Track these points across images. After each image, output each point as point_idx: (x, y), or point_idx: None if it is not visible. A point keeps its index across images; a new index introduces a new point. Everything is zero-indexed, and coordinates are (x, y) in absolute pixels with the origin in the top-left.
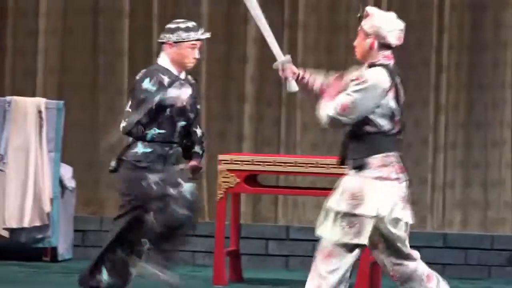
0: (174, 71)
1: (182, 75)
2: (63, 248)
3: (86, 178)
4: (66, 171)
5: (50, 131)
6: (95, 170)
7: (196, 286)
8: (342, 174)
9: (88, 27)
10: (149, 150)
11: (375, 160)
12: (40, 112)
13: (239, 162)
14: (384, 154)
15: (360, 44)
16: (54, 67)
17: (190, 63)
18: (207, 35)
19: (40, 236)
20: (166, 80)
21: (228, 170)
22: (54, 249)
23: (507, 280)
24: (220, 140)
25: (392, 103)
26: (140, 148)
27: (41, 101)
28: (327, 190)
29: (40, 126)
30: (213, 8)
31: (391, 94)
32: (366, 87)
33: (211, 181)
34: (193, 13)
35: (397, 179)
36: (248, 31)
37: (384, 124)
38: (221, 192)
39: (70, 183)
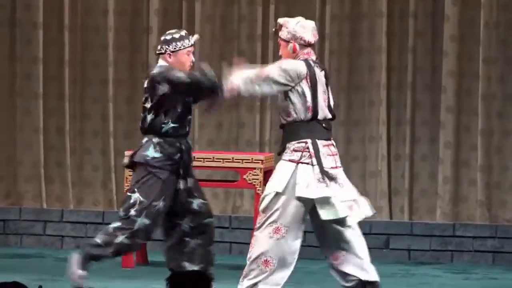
0: None
1: None
2: None
3: (6, 172)
4: None
5: None
6: (13, 165)
7: (107, 269)
8: (237, 168)
9: (6, 38)
10: None
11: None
12: None
13: None
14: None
15: (284, 52)
16: None
17: (188, 67)
18: (196, 37)
19: None
20: None
21: None
22: None
23: (383, 260)
24: (127, 138)
25: (308, 92)
26: None
27: None
28: (222, 181)
29: None
30: (119, 19)
31: (305, 83)
32: (282, 63)
33: (119, 174)
34: (101, 24)
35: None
36: (150, 40)
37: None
38: (128, 184)
39: None
